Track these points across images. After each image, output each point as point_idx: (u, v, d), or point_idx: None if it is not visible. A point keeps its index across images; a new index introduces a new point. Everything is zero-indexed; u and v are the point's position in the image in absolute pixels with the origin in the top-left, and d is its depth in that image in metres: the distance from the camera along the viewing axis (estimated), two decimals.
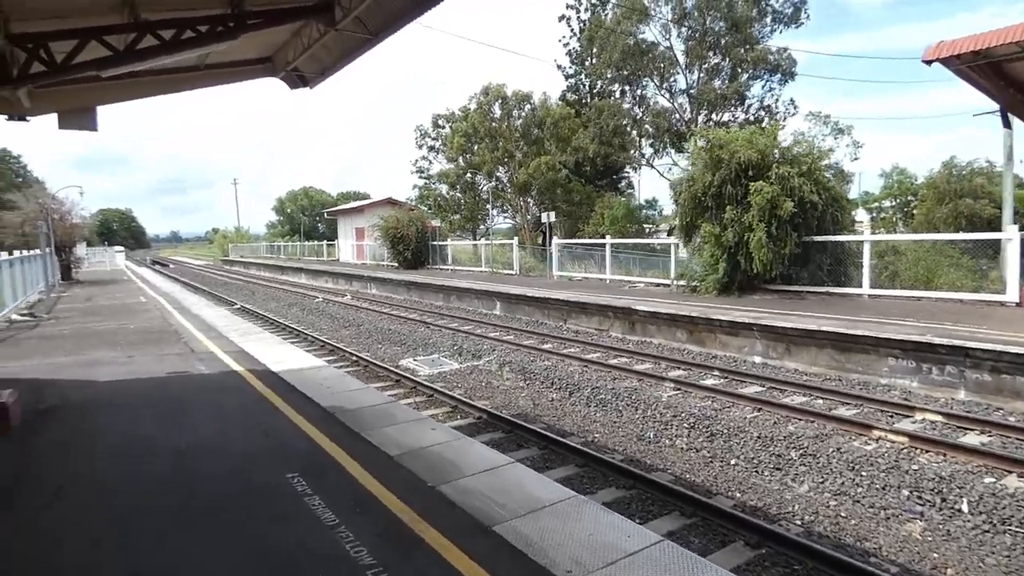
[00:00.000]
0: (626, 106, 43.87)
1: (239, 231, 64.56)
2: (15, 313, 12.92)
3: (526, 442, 7.37)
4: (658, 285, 17.16)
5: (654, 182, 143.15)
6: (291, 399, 6.24)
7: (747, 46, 33.87)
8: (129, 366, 7.81)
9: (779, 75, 35.01)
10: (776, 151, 14.09)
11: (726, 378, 9.87)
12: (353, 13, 6.43)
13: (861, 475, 6.12)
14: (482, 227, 58.29)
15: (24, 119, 6.69)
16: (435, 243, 28.29)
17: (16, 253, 15.76)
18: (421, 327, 15.94)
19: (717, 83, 35.98)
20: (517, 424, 7.81)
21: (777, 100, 35.69)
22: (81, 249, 32.06)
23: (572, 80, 54.81)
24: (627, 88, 46.27)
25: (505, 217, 56.90)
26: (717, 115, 38.09)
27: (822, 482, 6.15)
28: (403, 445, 4.83)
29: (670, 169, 42.91)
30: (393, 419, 5.58)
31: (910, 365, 8.82)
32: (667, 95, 40.56)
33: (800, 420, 7.65)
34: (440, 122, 60.45)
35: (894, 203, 30.18)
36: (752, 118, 35.37)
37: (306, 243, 48.35)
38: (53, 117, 7.00)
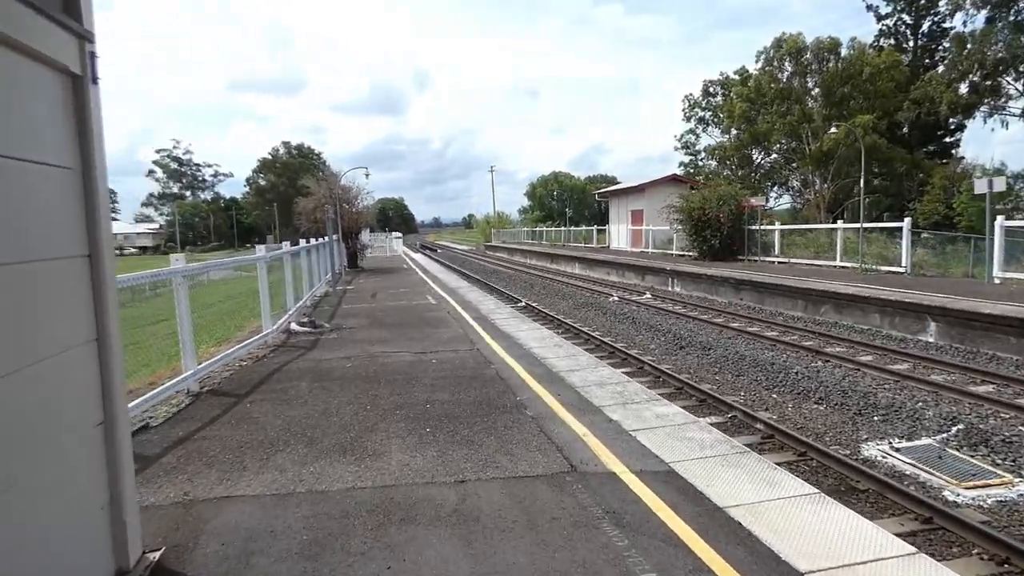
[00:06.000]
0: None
1: (501, 216, 64.41)
2: (295, 321, 10.06)
3: None
4: None
5: (987, 146, 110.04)
6: None
7: None
8: (476, 541, 3.21)
9: None
10: None
11: None
12: None
13: None
14: None
15: None
16: (751, 228, 21.54)
17: (302, 242, 13.56)
18: (818, 361, 9.83)
19: None
20: None
21: None
22: (365, 235, 32.21)
23: (888, 22, 42.98)
24: (999, 13, 33.82)
25: (783, 194, 47.02)
26: None
27: None
28: None
29: None
30: None
31: None
32: None
33: None
34: (712, 89, 52.30)
35: None
36: None
37: (571, 228, 44.67)
38: None
